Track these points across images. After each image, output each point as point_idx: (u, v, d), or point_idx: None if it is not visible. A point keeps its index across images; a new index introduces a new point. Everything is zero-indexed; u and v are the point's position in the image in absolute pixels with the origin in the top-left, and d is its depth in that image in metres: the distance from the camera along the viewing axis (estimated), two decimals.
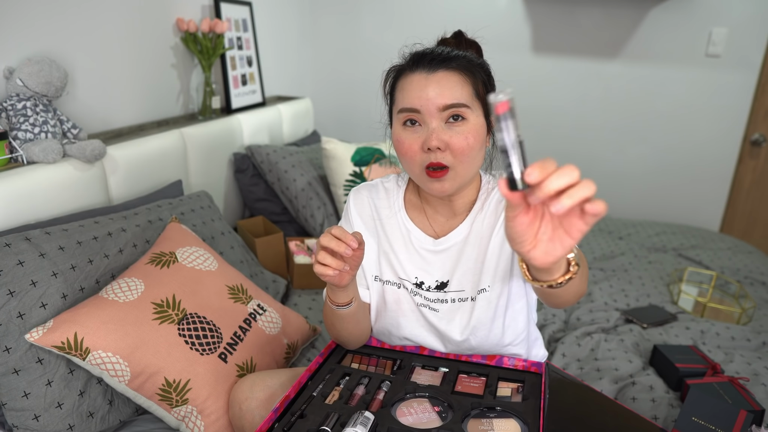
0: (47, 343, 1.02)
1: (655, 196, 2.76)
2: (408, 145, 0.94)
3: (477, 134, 0.93)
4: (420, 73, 0.93)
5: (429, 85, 0.91)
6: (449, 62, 0.93)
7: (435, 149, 0.91)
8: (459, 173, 0.94)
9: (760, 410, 1.20)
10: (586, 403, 1.09)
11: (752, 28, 2.42)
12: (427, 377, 1.01)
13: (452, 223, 1.04)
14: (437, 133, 0.91)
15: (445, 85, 0.91)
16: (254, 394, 1.04)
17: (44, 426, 1.03)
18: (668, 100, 2.60)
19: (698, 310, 1.77)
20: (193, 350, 1.14)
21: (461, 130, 0.92)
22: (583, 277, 0.83)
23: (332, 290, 0.95)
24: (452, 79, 0.92)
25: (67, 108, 1.52)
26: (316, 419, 0.88)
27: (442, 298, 1.03)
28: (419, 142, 0.93)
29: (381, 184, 1.11)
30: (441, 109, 0.91)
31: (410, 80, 0.94)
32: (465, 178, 0.96)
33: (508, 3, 2.66)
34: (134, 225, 1.33)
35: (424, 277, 1.04)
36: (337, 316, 0.99)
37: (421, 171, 0.94)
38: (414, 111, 0.92)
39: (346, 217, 1.11)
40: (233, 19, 2.17)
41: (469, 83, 0.93)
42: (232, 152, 2.08)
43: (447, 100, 0.91)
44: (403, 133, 0.95)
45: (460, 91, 0.92)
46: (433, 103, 0.91)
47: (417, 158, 0.94)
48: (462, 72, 0.93)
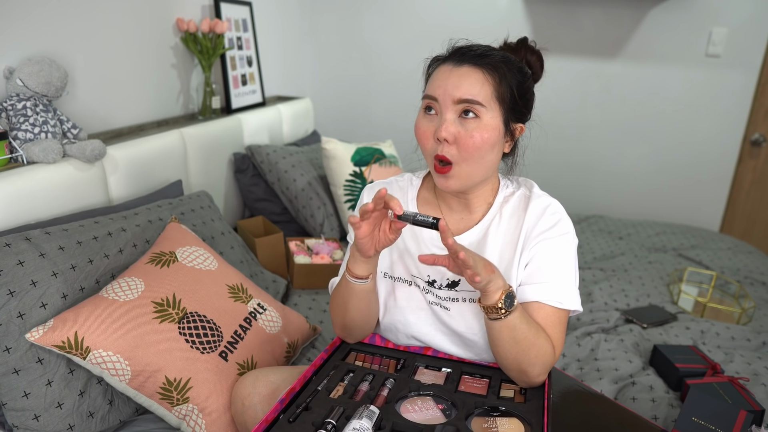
0: (48, 343, 1.02)
1: (655, 196, 2.76)
2: (423, 131, 0.97)
3: (489, 134, 0.93)
4: (448, 64, 0.96)
5: (451, 77, 0.94)
6: (479, 59, 0.94)
7: (443, 140, 0.93)
8: (464, 170, 0.95)
9: (760, 410, 1.20)
10: (586, 403, 1.09)
11: (752, 28, 2.42)
12: (431, 377, 1.01)
13: (467, 222, 1.05)
14: (447, 125, 0.93)
15: (465, 80, 0.93)
16: (257, 389, 1.04)
17: (44, 426, 1.03)
18: (668, 100, 2.60)
19: (698, 310, 1.77)
20: (194, 349, 1.14)
21: (471, 126, 0.93)
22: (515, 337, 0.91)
23: (354, 260, 0.96)
24: (474, 75, 0.93)
25: (67, 108, 1.52)
26: (321, 412, 0.88)
27: (453, 297, 1.03)
28: (433, 129, 0.95)
29: (395, 181, 1.12)
30: (455, 101, 0.93)
31: (439, 70, 0.97)
32: (471, 177, 0.97)
33: (508, 3, 2.66)
34: (134, 225, 1.33)
35: (435, 275, 1.04)
36: (351, 291, 0.99)
37: (432, 161, 0.97)
38: (433, 99, 0.95)
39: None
40: (233, 19, 2.17)
41: (491, 83, 0.94)
42: (232, 152, 2.08)
43: (462, 94, 0.92)
44: (422, 119, 0.98)
45: (479, 88, 0.93)
46: (450, 95, 0.93)
47: (428, 146, 0.97)
48: (487, 70, 0.94)
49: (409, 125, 1.08)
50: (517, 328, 0.90)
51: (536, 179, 1.10)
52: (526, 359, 0.92)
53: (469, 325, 1.02)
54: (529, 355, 0.92)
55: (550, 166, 2.78)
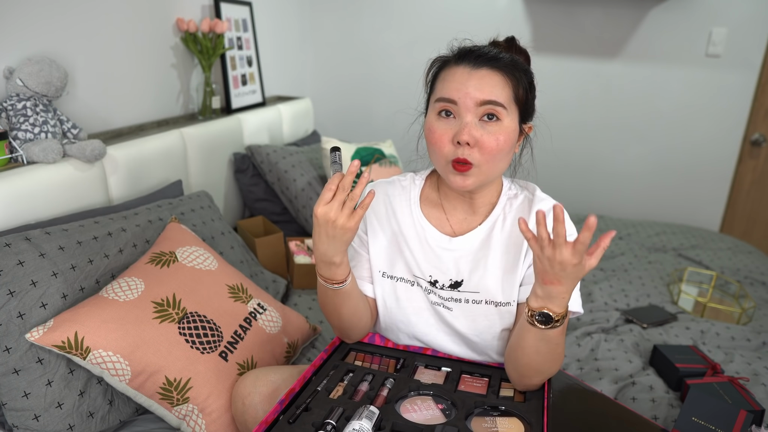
0: (48, 343, 1.02)
1: (655, 196, 2.76)
2: (439, 135, 0.95)
3: (508, 136, 0.94)
4: (464, 67, 0.95)
5: (471, 80, 0.93)
6: (495, 62, 0.94)
7: (464, 144, 0.92)
8: (483, 171, 0.95)
9: (760, 410, 1.20)
10: (586, 403, 1.09)
11: (752, 28, 2.42)
12: (430, 376, 1.01)
13: (471, 223, 1.05)
14: (469, 128, 0.92)
15: (486, 82, 0.93)
16: (257, 389, 1.04)
17: (44, 426, 1.03)
18: (668, 100, 2.60)
19: (698, 310, 1.77)
20: (194, 349, 1.14)
21: (493, 129, 0.93)
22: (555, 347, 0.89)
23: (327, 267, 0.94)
24: (494, 77, 0.93)
25: (67, 108, 1.52)
26: (320, 413, 0.88)
27: (456, 297, 1.03)
28: (450, 133, 0.94)
29: (398, 181, 1.12)
30: (478, 104, 0.92)
31: (453, 72, 0.95)
32: (488, 176, 0.97)
33: (508, 3, 2.66)
34: (134, 225, 1.33)
35: (438, 276, 1.04)
36: (331, 296, 0.99)
37: (446, 163, 0.96)
38: (451, 102, 0.94)
39: None
40: (233, 19, 2.17)
41: (510, 86, 0.94)
42: (232, 152, 2.08)
43: (486, 96, 0.92)
44: (436, 122, 0.96)
45: (500, 90, 0.93)
46: (471, 97, 0.92)
47: (445, 150, 0.95)
48: (505, 73, 0.94)
49: (410, 125, 1.07)
50: (551, 341, 0.88)
51: (536, 179, 1.10)
52: (551, 365, 0.92)
53: (472, 325, 1.02)
54: (554, 363, 0.92)
55: (550, 166, 2.78)
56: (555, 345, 0.89)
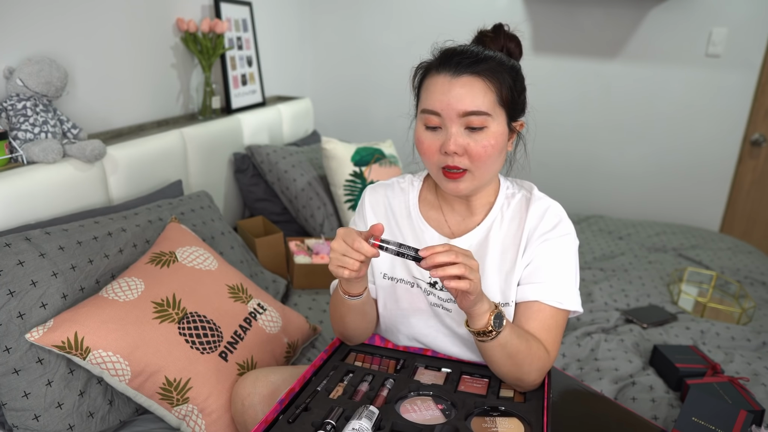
0: (47, 343, 1.02)
1: (655, 196, 2.76)
2: (427, 146, 0.95)
3: (497, 140, 0.93)
4: (445, 75, 0.93)
5: (452, 90, 0.91)
6: (476, 66, 0.92)
7: (452, 154, 0.92)
8: (476, 176, 0.95)
9: (760, 410, 1.20)
10: (585, 403, 1.09)
11: (752, 28, 2.42)
12: (430, 377, 1.01)
13: (468, 224, 1.05)
14: (455, 138, 0.92)
15: (467, 91, 0.91)
16: (257, 389, 1.04)
17: (44, 426, 1.03)
18: (668, 100, 2.60)
19: (698, 310, 1.77)
20: (194, 349, 1.14)
21: (480, 137, 0.92)
22: (508, 353, 0.91)
23: (347, 281, 0.95)
24: (476, 85, 0.92)
25: (67, 108, 1.52)
26: (320, 413, 0.88)
27: (454, 298, 1.03)
28: (438, 143, 0.94)
29: (397, 183, 1.12)
30: (461, 114, 0.91)
31: (435, 81, 0.94)
32: (482, 180, 0.97)
33: (508, 3, 2.66)
34: (134, 225, 1.33)
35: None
36: (347, 306, 0.99)
37: (438, 170, 0.96)
38: (435, 114, 0.93)
39: (360, 213, 1.11)
40: (233, 19, 2.17)
41: (493, 90, 0.92)
42: (232, 152, 2.08)
43: (467, 107, 0.91)
44: (423, 133, 0.96)
45: (482, 98, 0.91)
46: (454, 109, 0.91)
47: (435, 159, 0.95)
48: (487, 77, 0.92)
49: (408, 127, 1.07)
50: (509, 344, 0.90)
51: (536, 179, 1.10)
52: (520, 370, 0.93)
53: None
54: (523, 367, 0.92)
55: (550, 166, 2.79)
56: (516, 351, 0.90)
